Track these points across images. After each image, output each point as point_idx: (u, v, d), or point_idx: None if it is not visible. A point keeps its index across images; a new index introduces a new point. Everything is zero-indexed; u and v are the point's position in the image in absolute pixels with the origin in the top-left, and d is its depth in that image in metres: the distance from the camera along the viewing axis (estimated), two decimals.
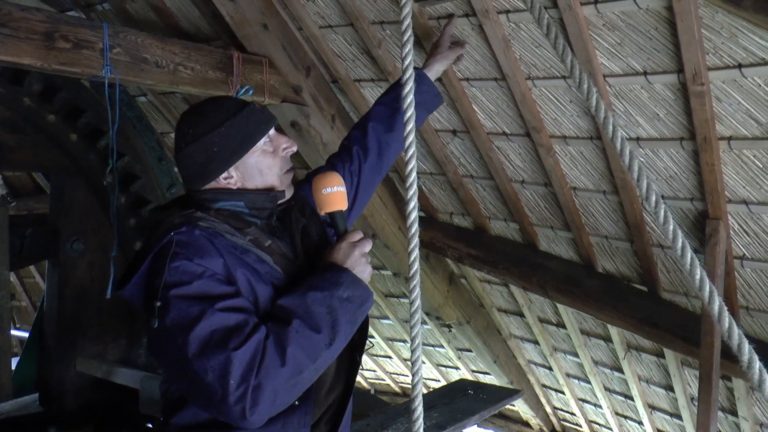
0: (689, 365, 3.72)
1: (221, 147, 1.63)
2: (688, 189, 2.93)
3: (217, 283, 1.49)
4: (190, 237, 1.53)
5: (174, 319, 1.44)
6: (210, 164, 1.65)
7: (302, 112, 3.61)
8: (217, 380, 1.38)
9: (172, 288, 1.46)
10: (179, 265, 1.48)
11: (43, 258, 4.59)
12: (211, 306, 1.43)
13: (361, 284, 1.57)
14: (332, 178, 1.70)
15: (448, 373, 5.56)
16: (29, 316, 7.52)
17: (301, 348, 1.44)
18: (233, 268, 1.53)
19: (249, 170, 1.68)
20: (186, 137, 1.67)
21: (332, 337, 1.49)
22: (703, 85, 2.46)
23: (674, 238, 1.19)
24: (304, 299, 1.50)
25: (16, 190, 6.57)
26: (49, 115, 4.06)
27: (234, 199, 1.66)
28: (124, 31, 2.93)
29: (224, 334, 1.41)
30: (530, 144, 3.29)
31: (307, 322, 1.47)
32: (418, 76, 2.12)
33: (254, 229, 1.64)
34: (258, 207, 1.68)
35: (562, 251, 3.75)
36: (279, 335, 1.44)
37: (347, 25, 3.37)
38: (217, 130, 1.64)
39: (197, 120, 1.68)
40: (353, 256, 1.59)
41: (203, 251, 1.51)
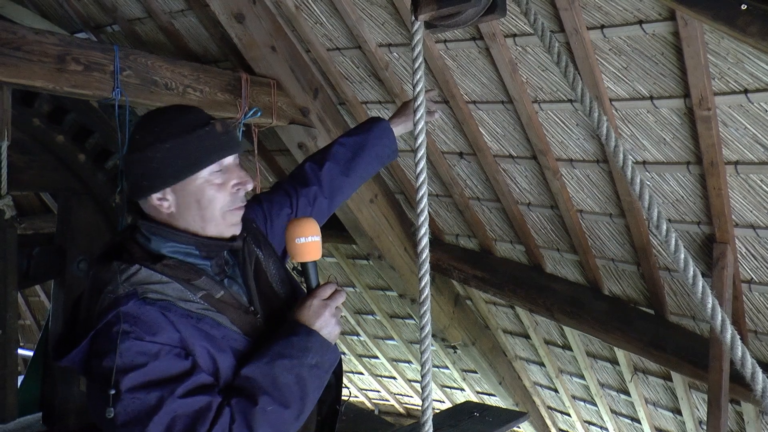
0: (697, 388, 3.70)
1: (160, 164, 1.45)
2: (695, 213, 2.94)
3: (175, 359, 1.35)
4: (139, 311, 1.36)
5: (131, 410, 1.31)
6: (145, 180, 1.47)
7: (310, 134, 3.63)
8: None
9: (126, 373, 1.31)
10: (131, 345, 1.33)
11: (49, 278, 4.59)
12: (172, 391, 1.31)
13: (330, 348, 1.47)
14: (308, 226, 1.53)
15: (453, 394, 5.53)
16: (34, 335, 7.52)
17: (269, 425, 1.37)
18: (191, 342, 1.39)
19: (186, 198, 1.48)
20: (132, 143, 1.51)
21: (301, 409, 1.42)
22: (709, 110, 2.47)
23: (685, 266, 1.20)
24: (271, 369, 1.39)
25: (23, 209, 6.58)
26: (57, 136, 4.08)
27: (181, 242, 1.48)
28: (135, 53, 2.96)
29: (187, 422, 1.31)
30: (536, 166, 3.31)
31: (276, 397, 1.38)
32: (383, 128, 2.07)
33: (205, 278, 1.48)
34: (208, 247, 1.51)
35: (569, 273, 3.75)
36: (246, 416, 1.35)
37: (355, 48, 3.41)
38: (161, 145, 1.44)
39: (148, 128, 1.49)
40: (323, 316, 1.47)
41: (156, 326, 1.35)
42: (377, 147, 2.03)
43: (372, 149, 2.02)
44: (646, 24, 2.43)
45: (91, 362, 1.36)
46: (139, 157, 1.46)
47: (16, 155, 4.01)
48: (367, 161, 2.02)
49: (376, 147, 2.03)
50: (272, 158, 4.48)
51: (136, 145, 1.48)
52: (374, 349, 5.66)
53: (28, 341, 7.63)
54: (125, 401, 1.30)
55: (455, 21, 1.38)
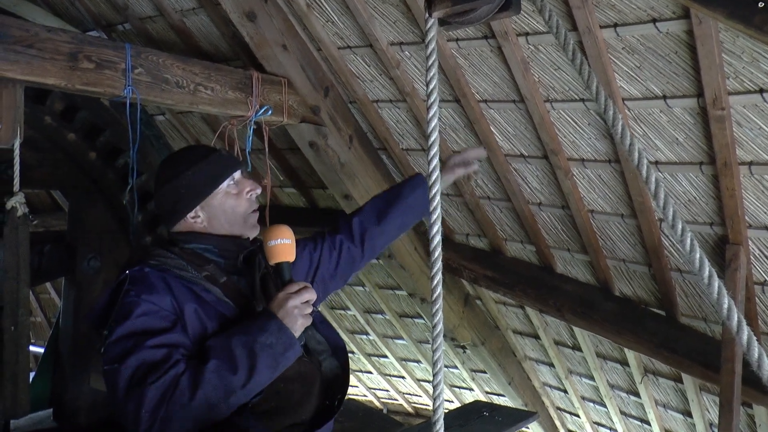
0: (708, 391, 3.67)
1: (188, 189, 1.80)
2: (708, 214, 2.92)
3: (158, 319, 1.63)
4: (140, 274, 1.68)
5: (114, 350, 1.60)
6: (178, 204, 1.81)
7: (320, 133, 3.63)
8: (134, 410, 1.53)
9: (118, 322, 1.62)
10: (128, 301, 1.64)
11: (60, 275, 4.61)
12: (144, 341, 1.58)
13: (286, 333, 1.64)
14: (279, 230, 1.77)
15: (462, 394, 5.52)
16: (44, 332, 7.55)
17: (214, 387, 1.55)
18: (182, 303, 1.67)
19: (214, 210, 1.82)
20: (159, 181, 1.86)
21: (248, 378, 1.58)
22: (723, 110, 2.45)
23: (701, 266, 1.18)
24: (229, 341, 1.62)
25: (34, 207, 6.62)
26: (69, 134, 4.10)
27: (204, 243, 1.81)
28: (146, 51, 2.97)
29: (146, 369, 1.55)
30: (548, 166, 3.29)
31: (226, 362, 1.57)
32: (418, 181, 2.26)
33: (213, 266, 1.78)
34: (226, 249, 1.82)
35: (579, 274, 3.73)
36: (195, 372, 1.55)
37: (366, 46, 3.40)
38: (184, 173, 1.81)
39: (169, 166, 1.87)
40: (285, 307, 1.66)
41: (152, 288, 1.66)
42: (410, 198, 2.22)
43: (405, 200, 2.21)
44: (659, 22, 2.41)
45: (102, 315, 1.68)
46: (167, 189, 1.82)
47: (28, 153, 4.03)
48: (400, 211, 2.21)
49: (409, 198, 2.22)
50: (283, 157, 4.48)
51: (162, 181, 1.84)
52: (383, 349, 5.66)
53: (39, 338, 7.67)
54: (112, 345, 1.60)
55: (469, 18, 1.37)
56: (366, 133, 3.91)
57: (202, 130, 4.87)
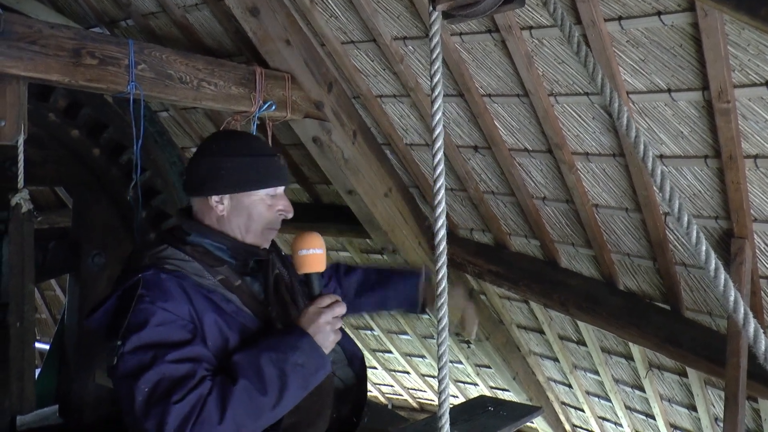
0: (713, 385, 3.67)
1: (229, 173, 1.70)
2: (713, 207, 2.91)
3: (176, 329, 1.52)
4: (156, 279, 1.57)
5: (129, 362, 1.48)
6: (209, 181, 1.70)
7: (324, 128, 3.63)
8: (154, 428, 1.42)
9: (133, 331, 1.50)
10: (143, 308, 1.52)
11: (65, 272, 4.62)
12: (164, 355, 1.47)
13: (318, 352, 1.57)
14: (311, 239, 1.68)
15: (467, 389, 5.52)
16: (49, 329, 7.57)
17: (244, 408, 1.46)
18: (201, 312, 1.56)
19: (240, 207, 1.72)
20: (205, 149, 1.77)
21: (278, 400, 1.50)
22: (728, 103, 2.44)
23: (707, 259, 1.18)
24: (258, 358, 1.52)
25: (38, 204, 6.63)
26: (72, 131, 4.10)
27: (218, 241, 1.70)
28: (149, 47, 2.96)
29: (169, 385, 1.45)
30: (552, 160, 3.28)
31: (255, 383, 1.48)
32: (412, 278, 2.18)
33: (226, 268, 1.68)
34: (237, 251, 1.72)
35: (584, 268, 3.73)
36: (223, 392, 1.46)
37: (369, 41, 3.39)
38: (234, 158, 1.71)
39: (223, 140, 1.79)
40: (317, 323, 1.59)
41: (168, 295, 1.54)
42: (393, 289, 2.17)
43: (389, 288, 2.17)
44: (664, 15, 2.40)
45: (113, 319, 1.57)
46: (208, 161, 1.71)
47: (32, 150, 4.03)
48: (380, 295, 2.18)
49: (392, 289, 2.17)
50: (286, 152, 4.48)
51: (208, 151, 1.74)
52: (388, 344, 5.66)
53: (45, 335, 7.69)
54: (127, 356, 1.48)
55: (473, 11, 1.36)
56: (370, 129, 3.90)
57: (205, 126, 4.87)
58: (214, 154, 1.73)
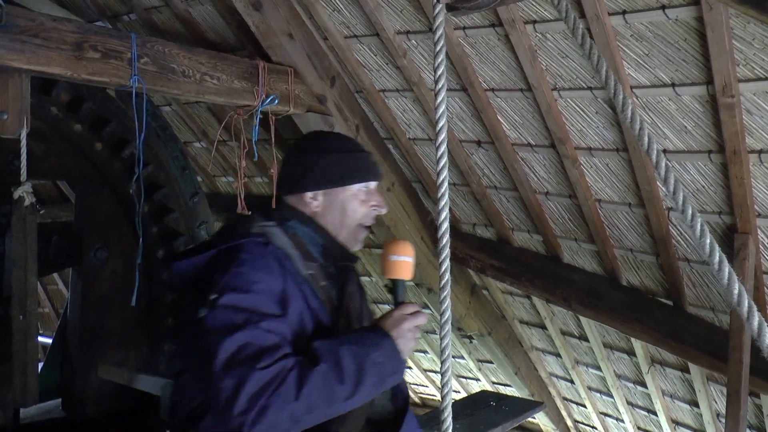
0: (715, 381, 3.66)
1: (323, 169, 1.73)
2: (716, 203, 2.90)
3: (271, 301, 1.55)
4: (262, 250, 1.60)
5: (219, 319, 1.50)
6: (303, 179, 1.74)
7: (327, 122, 3.62)
8: (231, 388, 1.44)
9: (230, 290, 1.52)
10: (244, 272, 1.54)
11: (67, 266, 4.62)
12: (257, 321, 1.49)
13: (398, 356, 1.60)
14: (404, 247, 1.71)
15: (468, 384, 5.52)
16: (52, 323, 7.59)
17: (319, 392, 1.48)
18: (290, 296, 1.58)
19: (334, 203, 1.74)
20: (297, 149, 1.83)
21: (353, 393, 1.51)
22: (733, 97, 2.43)
23: (711, 252, 1.17)
24: (339, 348, 1.54)
25: (41, 198, 6.64)
26: (75, 125, 4.09)
27: (316, 233, 1.72)
28: (152, 41, 2.96)
29: (256, 350, 1.47)
30: (555, 155, 3.27)
31: (334, 370, 1.50)
32: None
33: (316, 265, 1.70)
34: (330, 250, 1.74)
35: (586, 264, 3.72)
36: (303, 372, 1.48)
37: (372, 35, 3.38)
38: (329, 154, 1.75)
39: (314, 141, 1.84)
40: (401, 328, 1.62)
41: (268, 268, 1.58)
42: None
43: None
44: (669, 9, 2.39)
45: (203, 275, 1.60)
46: (301, 159, 1.77)
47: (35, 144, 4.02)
48: None
49: None
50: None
51: (302, 149, 1.80)
52: None
53: (48, 329, 7.71)
54: (218, 311, 1.50)
55: (477, 3, 1.36)
56: (373, 123, 3.89)
57: (208, 121, 4.87)
58: (308, 152, 1.78)
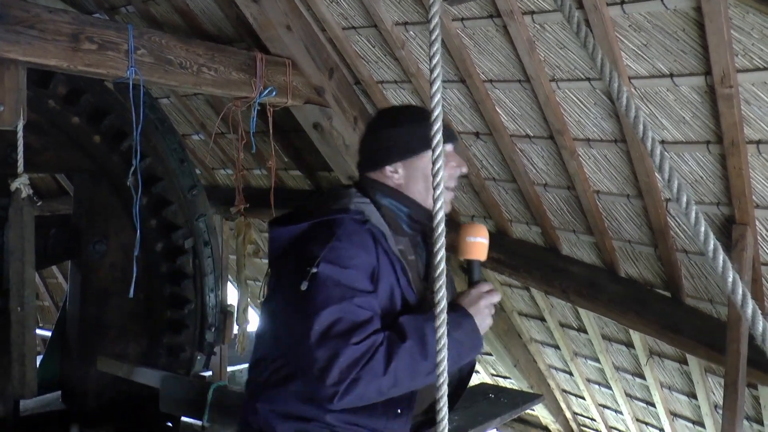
0: (713, 372, 3.67)
1: (398, 141, 1.78)
2: (714, 194, 2.89)
3: (365, 277, 1.63)
4: (358, 227, 1.67)
5: (316, 291, 1.58)
6: (382, 153, 1.79)
7: (325, 114, 3.62)
8: (325, 360, 1.53)
9: (327, 264, 1.59)
10: (342, 247, 1.62)
11: (66, 258, 4.63)
12: (351, 296, 1.58)
13: (477, 334, 1.68)
14: (480, 229, 1.77)
15: None
16: (52, 316, 7.60)
17: (405, 366, 1.57)
18: (382, 273, 1.66)
19: (415, 172, 1.78)
20: (370, 127, 1.88)
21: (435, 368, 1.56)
22: (731, 88, 2.42)
23: (705, 239, 1.17)
24: (424, 326, 1.61)
25: (39, 191, 6.64)
26: (73, 118, 4.09)
27: (400, 202, 1.78)
28: (149, 32, 2.95)
29: (350, 325, 1.56)
30: (553, 147, 3.27)
31: (419, 346, 1.59)
32: None
33: (406, 239, 1.77)
34: (416, 219, 1.79)
35: (585, 255, 3.72)
36: (391, 347, 1.57)
37: (371, 27, 3.37)
38: (401, 127, 1.79)
39: (386, 116, 1.91)
40: (478, 306, 1.70)
41: (364, 245, 1.64)
42: None
43: None
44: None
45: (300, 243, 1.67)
46: (375, 137, 1.82)
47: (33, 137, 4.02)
48: None
49: None
50: (288, 138, 4.47)
51: (373, 127, 1.85)
52: None
53: (47, 322, 7.72)
54: (316, 284, 1.58)
55: None
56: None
57: (207, 113, 4.86)
58: (380, 128, 1.83)
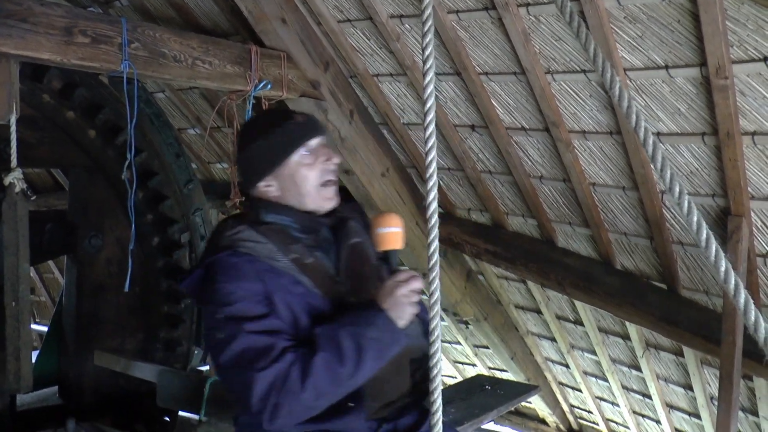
0: (709, 364, 3.68)
1: (258, 157, 1.79)
2: (710, 185, 2.89)
3: (254, 304, 1.64)
4: (231, 261, 1.68)
5: (217, 332, 1.65)
6: (249, 173, 1.82)
7: (320, 107, 3.60)
8: (243, 393, 1.58)
9: (216, 304, 1.66)
10: (222, 287, 1.66)
11: (62, 253, 4.62)
12: (246, 327, 1.61)
13: (393, 327, 1.65)
14: (390, 218, 1.76)
15: (465, 369, 5.54)
16: (48, 311, 7.59)
17: (323, 378, 1.58)
18: (273, 292, 1.66)
19: (285, 181, 1.78)
20: (238, 146, 1.89)
21: (355, 371, 1.61)
22: (726, 79, 2.42)
23: (698, 229, 1.17)
24: (337, 332, 1.62)
25: (35, 186, 6.62)
26: (68, 112, 4.07)
27: (283, 214, 1.78)
28: (143, 25, 2.94)
29: (252, 355, 1.58)
30: (549, 139, 3.27)
31: (334, 354, 1.59)
32: None
33: (299, 246, 1.75)
34: (305, 225, 1.79)
35: (581, 248, 3.72)
36: (304, 363, 1.58)
37: (366, 19, 3.36)
38: (256, 143, 1.79)
39: (245, 134, 1.88)
40: (395, 296, 1.67)
41: (243, 276, 1.66)
42: None
43: None
44: None
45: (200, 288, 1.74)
46: (241, 157, 1.84)
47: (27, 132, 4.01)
48: None
49: None
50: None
51: (240, 146, 1.85)
52: None
53: (44, 317, 7.72)
54: (215, 327, 1.66)
55: None
56: (367, 108, 3.88)
57: (202, 107, 4.85)
58: (245, 145, 1.82)
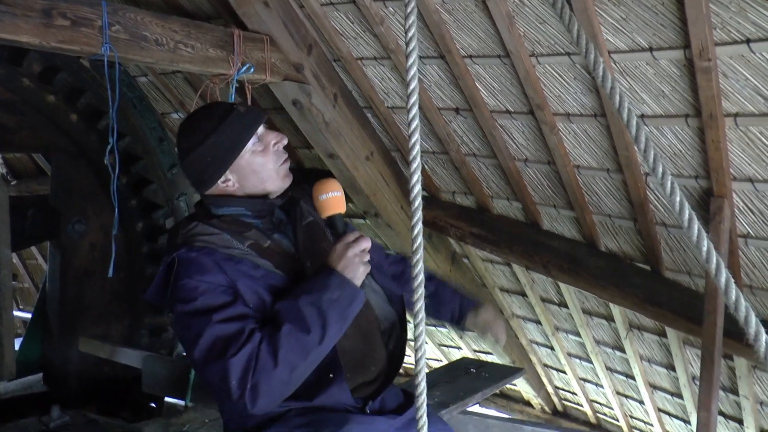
0: (691, 344, 3.72)
1: (212, 156, 1.78)
2: (693, 167, 2.91)
3: (217, 295, 1.67)
4: (189, 256, 1.70)
5: (185, 329, 1.68)
6: (206, 173, 1.81)
7: (304, 91, 3.58)
8: (221, 383, 1.60)
9: (179, 304, 1.68)
10: (184, 283, 1.68)
11: (45, 239, 4.59)
12: (212, 318, 1.63)
13: (349, 285, 1.68)
14: (329, 184, 1.79)
15: (450, 352, 5.58)
16: (32, 298, 7.54)
17: (292, 349, 1.61)
18: (235, 280, 1.69)
19: (244, 172, 1.81)
20: (182, 151, 1.85)
21: (322, 336, 1.64)
22: (709, 61, 2.43)
23: (681, 209, 1.18)
24: (296, 303, 1.66)
25: (17, 171, 6.55)
26: (48, 96, 4.03)
27: (236, 205, 1.81)
28: (124, 8, 2.89)
29: (223, 344, 1.61)
30: (533, 122, 3.27)
31: (298, 324, 1.62)
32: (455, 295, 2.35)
33: (255, 231, 1.79)
34: (258, 210, 1.83)
35: (565, 230, 3.74)
36: (272, 340, 1.61)
37: (349, 2, 3.34)
38: (206, 141, 1.78)
39: (189, 133, 1.84)
40: (345, 258, 1.70)
41: (203, 269, 1.69)
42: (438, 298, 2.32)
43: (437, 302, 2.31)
44: None
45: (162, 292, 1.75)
46: (192, 159, 1.80)
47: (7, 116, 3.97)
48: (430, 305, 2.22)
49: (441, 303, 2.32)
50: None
51: (185, 150, 1.82)
52: None
53: (27, 304, 7.66)
54: (180, 325, 1.71)
55: None
56: (351, 92, 3.86)
57: (185, 91, 4.80)
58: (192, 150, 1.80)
